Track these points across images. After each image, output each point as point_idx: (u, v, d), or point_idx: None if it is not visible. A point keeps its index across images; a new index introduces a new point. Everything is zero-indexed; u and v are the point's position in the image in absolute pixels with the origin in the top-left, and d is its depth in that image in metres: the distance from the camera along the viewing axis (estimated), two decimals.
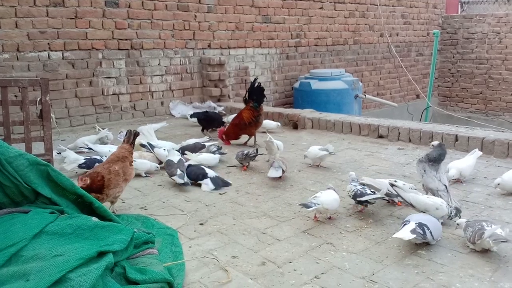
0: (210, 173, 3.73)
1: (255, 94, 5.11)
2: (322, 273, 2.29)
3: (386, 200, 3.16)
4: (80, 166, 4.00)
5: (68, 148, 4.39)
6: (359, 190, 2.99)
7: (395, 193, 2.85)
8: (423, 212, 2.74)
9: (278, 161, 3.77)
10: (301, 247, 2.58)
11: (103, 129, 5.21)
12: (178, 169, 3.68)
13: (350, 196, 3.05)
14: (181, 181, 3.59)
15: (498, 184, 3.29)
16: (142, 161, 4.04)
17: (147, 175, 4.00)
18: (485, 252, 2.45)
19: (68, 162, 4.03)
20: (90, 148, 4.54)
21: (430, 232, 2.48)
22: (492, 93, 11.57)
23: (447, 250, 2.50)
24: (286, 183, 3.74)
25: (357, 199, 2.97)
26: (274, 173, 3.67)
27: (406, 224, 2.54)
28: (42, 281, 1.67)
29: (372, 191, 2.99)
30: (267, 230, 2.83)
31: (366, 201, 2.94)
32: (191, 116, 6.28)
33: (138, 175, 3.95)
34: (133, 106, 6.91)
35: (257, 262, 2.42)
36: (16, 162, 2.25)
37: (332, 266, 2.36)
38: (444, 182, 3.00)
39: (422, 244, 2.56)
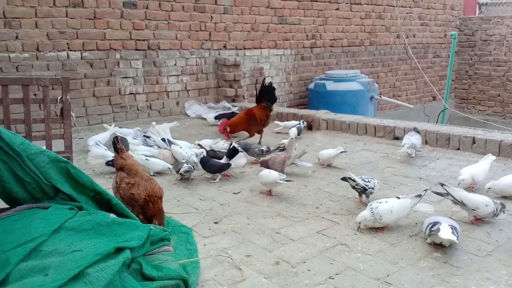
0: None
1: (268, 93, 5.12)
2: (337, 274, 2.29)
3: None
4: (107, 163, 4.04)
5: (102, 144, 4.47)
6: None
7: (445, 192, 2.86)
8: (474, 210, 2.77)
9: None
10: (315, 248, 2.58)
11: (109, 125, 5.23)
12: (184, 164, 3.85)
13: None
14: (186, 169, 3.79)
15: (489, 188, 3.27)
16: (155, 161, 4.07)
17: (155, 174, 4.03)
18: (502, 255, 2.44)
19: (91, 156, 4.08)
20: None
21: (459, 235, 2.49)
22: (510, 96, 11.38)
23: (463, 253, 2.48)
24: (300, 183, 3.74)
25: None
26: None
27: (438, 225, 2.50)
28: (61, 275, 1.70)
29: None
30: (281, 230, 2.84)
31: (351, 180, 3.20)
32: (216, 117, 6.29)
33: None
34: (149, 105, 6.99)
35: (271, 261, 2.43)
36: (37, 159, 2.30)
37: (347, 267, 2.36)
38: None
39: (437, 246, 2.55)
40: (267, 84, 5.21)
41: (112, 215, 2.25)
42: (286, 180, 3.38)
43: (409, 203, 2.76)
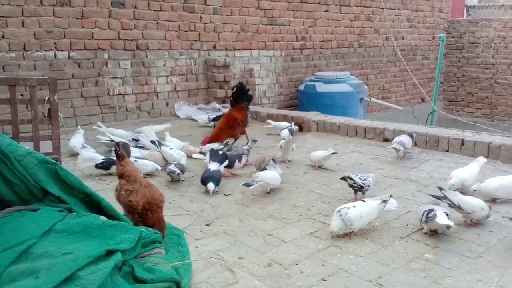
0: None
1: (244, 94, 5.11)
2: (329, 276, 2.29)
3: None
4: (97, 166, 3.99)
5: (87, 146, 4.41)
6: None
7: (442, 195, 2.88)
8: (470, 214, 2.81)
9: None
10: (308, 249, 2.58)
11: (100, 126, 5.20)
12: (172, 165, 3.85)
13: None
14: (176, 171, 3.78)
15: (474, 190, 3.27)
16: (143, 162, 4.02)
17: (144, 175, 3.98)
18: (493, 256, 2.46)
19: (81, 159, 4.02)
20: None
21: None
22: (498, 98, 11.53)
23: (454, 254, 2.50)
24: (291, 185, 3.73)
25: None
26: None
27: (433, 211, 2.65)
28: (52, 278, 1.67)
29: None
30: (273, 231, 2.83)
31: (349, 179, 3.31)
32: (214, 119, 6.22)
33: None
34: (138, 106, 6.93)
35: (263, 263, 2.42)
36: (25, 161, 2.25)
37: (339, 268, 2.36)
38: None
39: (429, 247, 2.57)
40: (239, 85, 5.19)
41: (103, 218, 2.22)
42: None
43: (376, 207, 2.76)
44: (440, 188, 2.89)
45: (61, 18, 6.05)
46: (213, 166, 3.71)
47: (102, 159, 4.02)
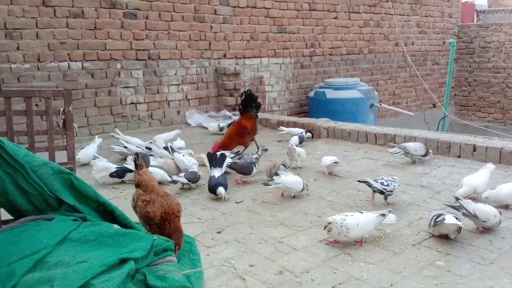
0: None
1: (252, 101, 5.14)
2: (340, 283, 2.29)
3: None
4: (111, 175, 4.05)
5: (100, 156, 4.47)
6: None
7: (459, 205, 2.88)
8: (484, 221, 2.81)
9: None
10: (318, 257, 2.59)
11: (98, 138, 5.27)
12: (183, 174, 3.91)
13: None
14: (180, 180, 3.82)
15: (486, 198, 3.25)
16: (154, 171, 4.04)
17: None
18: (505, 263, 2.44)
19: (96, 170, 4.09)
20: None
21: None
22: (510, 102, 11.40)
23: (466, 261, 2.49)
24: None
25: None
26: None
27: (442, 215, 2.69)
28: (66, 287, 1.71)
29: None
30: (284, 239, 2.84)
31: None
32: (229, 126, 6.23)
33: None
34: (150, 115, 7.01)
35: (274, 271, 2.44)
36: (41, 171, 2.31)
37: (350, 276, 2.36)
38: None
39: (440, 255, 2.56)
40: (247, 92, 5.22)
41: (116, 226, 2.26)
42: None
43: (374, 220, 2.74)
44: (457, 198, 2.89)
45: (75, 30, 6.17)
46: (217, 172, 3.74)
47: (116, 167, 4.08)
